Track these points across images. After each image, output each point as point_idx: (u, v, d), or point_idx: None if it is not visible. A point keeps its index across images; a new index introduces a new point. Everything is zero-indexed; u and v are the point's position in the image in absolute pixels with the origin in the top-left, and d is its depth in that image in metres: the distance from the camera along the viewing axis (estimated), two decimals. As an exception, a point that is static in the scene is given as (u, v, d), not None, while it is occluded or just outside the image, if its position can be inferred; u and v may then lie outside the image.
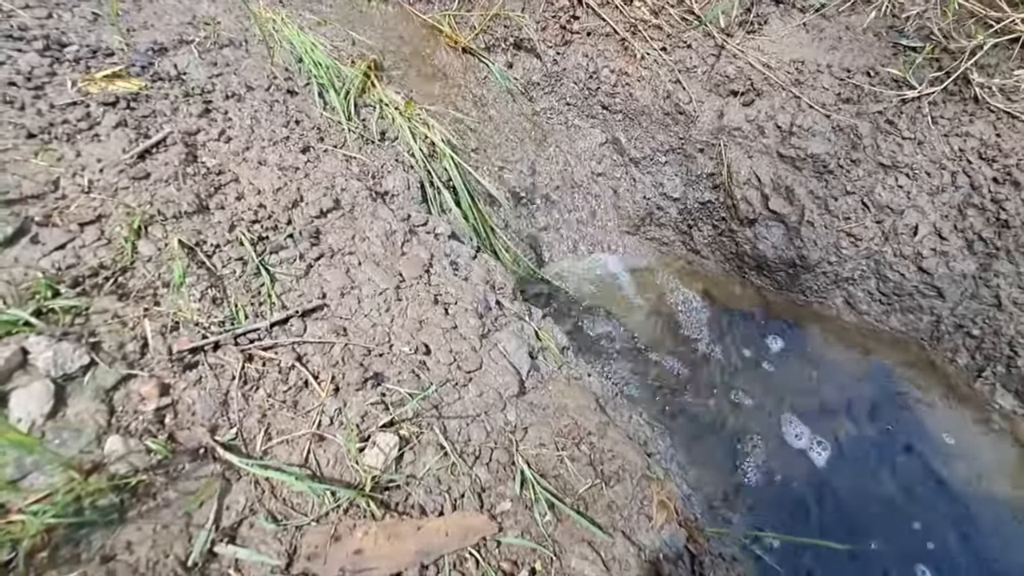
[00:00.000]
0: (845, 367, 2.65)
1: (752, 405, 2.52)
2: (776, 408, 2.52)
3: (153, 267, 1.54)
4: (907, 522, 2.20)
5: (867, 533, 2.14)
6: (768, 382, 2.59)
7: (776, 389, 2.56)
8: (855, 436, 2.44)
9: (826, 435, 2.44)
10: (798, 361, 2.65)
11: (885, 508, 2.24)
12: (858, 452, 2.39)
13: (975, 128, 2.43)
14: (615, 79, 2.80)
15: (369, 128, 2.35)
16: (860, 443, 2.42)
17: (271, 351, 1.47)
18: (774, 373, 2.61)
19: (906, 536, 2.16)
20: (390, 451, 1.38)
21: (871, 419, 2.49)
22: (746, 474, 2.29)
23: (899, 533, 2.17)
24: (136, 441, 1.25)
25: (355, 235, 1.90)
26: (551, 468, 1.55)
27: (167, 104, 2.01)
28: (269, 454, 1.33)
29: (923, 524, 2.21)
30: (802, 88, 2.60)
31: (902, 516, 2.21)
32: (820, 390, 2.57)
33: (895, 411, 2.52)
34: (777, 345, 2.72)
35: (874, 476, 2.32)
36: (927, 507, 2.25)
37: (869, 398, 2.56)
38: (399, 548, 1.22)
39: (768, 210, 2.66)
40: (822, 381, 2.60)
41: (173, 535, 1.16)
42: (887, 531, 2.17)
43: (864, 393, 2.57)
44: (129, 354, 1.37)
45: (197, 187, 1.77)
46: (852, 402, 2.54)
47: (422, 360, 1.62)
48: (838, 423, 2.47)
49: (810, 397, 2.55)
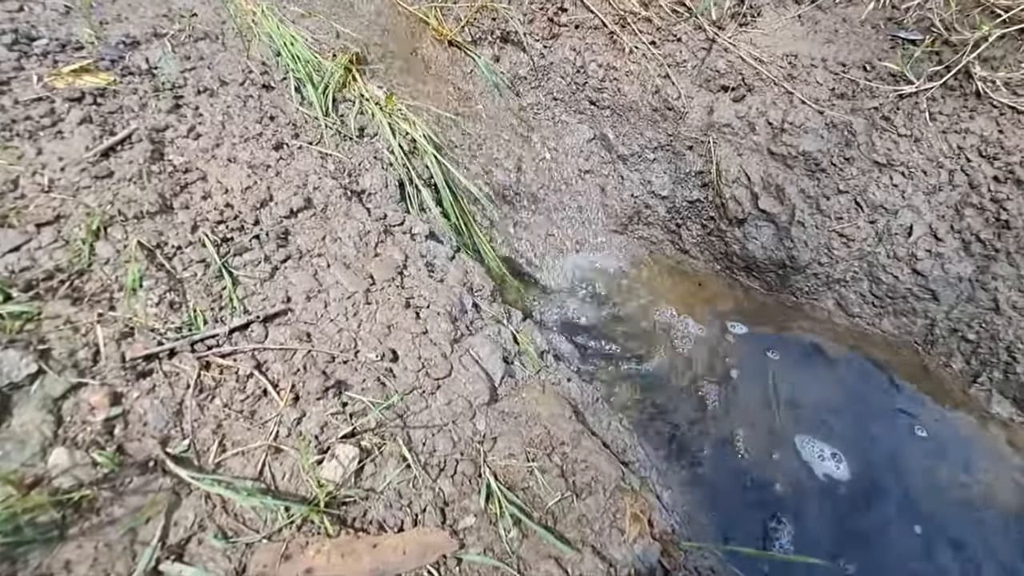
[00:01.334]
0: (833, 371, 2.59)
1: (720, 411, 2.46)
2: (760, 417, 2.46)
3: (110, 270, 1.49)
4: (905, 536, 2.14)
5: (861, 549, 2.09)
6: (740, 393, 2.52)
7: (743, 404, 2.49)
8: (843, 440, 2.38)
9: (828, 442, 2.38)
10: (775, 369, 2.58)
11: (880, 522, 2.18)
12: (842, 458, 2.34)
13: (976, 124, 2.35)
14: (603, 73, 2.73)
15: (347, 124, 2.29)
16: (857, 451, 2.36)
17: (229, 358, 1.42)
18: (739, 385, 2.53)
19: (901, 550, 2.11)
20: (349, 463, 1.33)
21: (860, 427, 2.43)
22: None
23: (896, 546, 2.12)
24: (82, 453, 1.20)
25: (326, 236, 1.84)
26: (520, 480, 1.50)
27: (135, 99, 1.96)
28: (223, 467, 1.28)
29: (917, 537, 2.15)
30: (795, 83, 2.52)
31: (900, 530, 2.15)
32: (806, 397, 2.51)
33: (883, 419, 2.45)
34: (756, 348, 2.65)
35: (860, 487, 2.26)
36: (923, 519, 2.19)
37: (859, 405, 2.49)
38: (352, 567, 1.18)
39: (758, 209, 2.59)
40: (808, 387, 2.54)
41: (116, 553, 1.12)
42: (883, 545, 2.12)
43: (853, 399, 2.51)
44: (80, 362, 1.33)
45: (162, 186, 1.72)
46: (840, 408, 2.48)
47: (388, 367, 1.57)
48: (837, 430, 2.41)
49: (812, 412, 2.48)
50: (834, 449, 2.32)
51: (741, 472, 2.26)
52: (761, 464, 2.28)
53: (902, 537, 2.13)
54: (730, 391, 2.51)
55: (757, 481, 2.23)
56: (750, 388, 2.52)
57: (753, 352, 2.63)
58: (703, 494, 2.12)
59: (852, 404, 2.47)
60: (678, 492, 2.06)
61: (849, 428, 2.40)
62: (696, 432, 2.37)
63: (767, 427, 2.40)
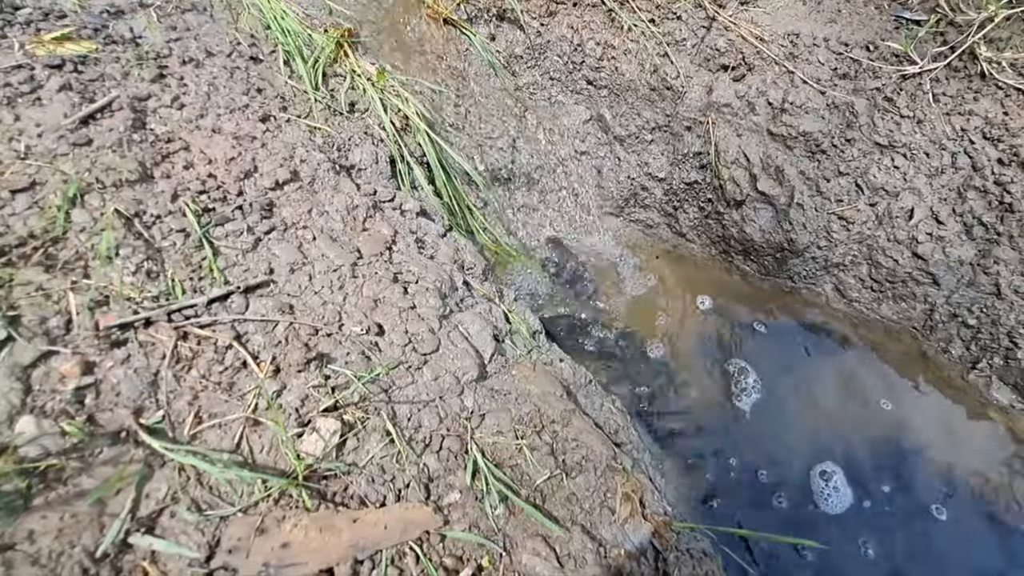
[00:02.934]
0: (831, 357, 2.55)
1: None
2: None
3: (86, 237, 1.44)
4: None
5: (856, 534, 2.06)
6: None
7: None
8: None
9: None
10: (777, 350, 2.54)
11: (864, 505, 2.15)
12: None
13: (980, 106, 2.30)
14: (601, 52, 2.67)
15: (337, 99, 2.24)
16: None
17: (208, 329, 1.38)
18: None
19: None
20: (331, 437, 1.29)
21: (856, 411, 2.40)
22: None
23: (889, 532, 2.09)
24: (51, 422, 1.16)
25: (312, 209, 1.79)
26: (508, 457, 1.46)
27: (118, 68, 1.90)
28: (198, 439, 1.24)
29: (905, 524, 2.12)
30: (796, 63, 2.46)
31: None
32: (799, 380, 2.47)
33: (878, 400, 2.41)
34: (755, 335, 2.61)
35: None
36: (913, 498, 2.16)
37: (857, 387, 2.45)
38: (331, 542, 1.14)
39: (756, 191, 2.53)
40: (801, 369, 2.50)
41: (83, 524, 1.07)
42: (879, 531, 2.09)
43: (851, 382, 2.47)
44: (52, 330, 1.28)
45: (143, 155, 1.67)
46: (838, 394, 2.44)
47: (374, 341, 1.52)
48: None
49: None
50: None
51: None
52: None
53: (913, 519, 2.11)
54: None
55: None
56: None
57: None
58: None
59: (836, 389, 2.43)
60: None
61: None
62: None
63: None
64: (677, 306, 2.73)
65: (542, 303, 2.64)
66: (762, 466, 2.21)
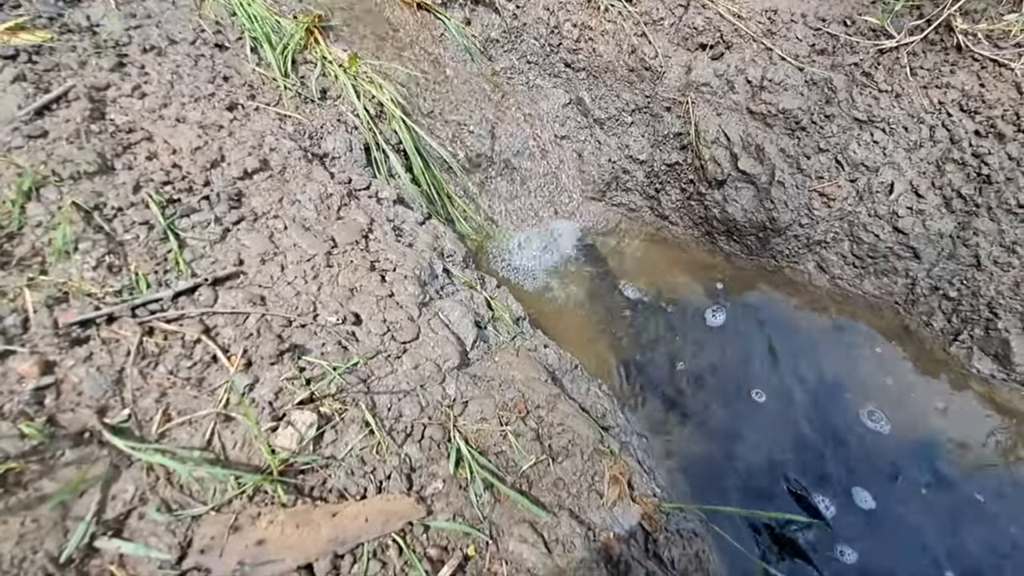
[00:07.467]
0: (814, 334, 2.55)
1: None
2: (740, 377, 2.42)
3: (42, 232, 1.38)
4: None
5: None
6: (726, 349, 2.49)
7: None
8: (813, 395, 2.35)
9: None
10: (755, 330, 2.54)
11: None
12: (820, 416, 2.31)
13: (956, 79, 2.29)
14: (578, 33, 2.62)
15: (308, 86, 2.17)
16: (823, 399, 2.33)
17: (175, 323, 1.32)
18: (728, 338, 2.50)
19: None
20: (307, 430, 1.25)
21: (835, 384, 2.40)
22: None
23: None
24: (8, 425, 1.10)
25: (284, 198, 1.74)
26: (492, 444, 1.42)
27: (74, 57, 1.82)
28: (167, 437, 1.19)
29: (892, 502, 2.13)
30: (774, 39, 2.44)
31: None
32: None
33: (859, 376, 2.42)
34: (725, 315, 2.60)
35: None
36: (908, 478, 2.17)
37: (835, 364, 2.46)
38: (309, 537, 1.10)
39: (737, 170, 2.52)
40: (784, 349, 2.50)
41: (45, 529, 1.02)
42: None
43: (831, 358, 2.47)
44: (8, 329, 1.22)
45: (102, 146, 1.60)
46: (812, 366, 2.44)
47: (351, 331, 1.47)
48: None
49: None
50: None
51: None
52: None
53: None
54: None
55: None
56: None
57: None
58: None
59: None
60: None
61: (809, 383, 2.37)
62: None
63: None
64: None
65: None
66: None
